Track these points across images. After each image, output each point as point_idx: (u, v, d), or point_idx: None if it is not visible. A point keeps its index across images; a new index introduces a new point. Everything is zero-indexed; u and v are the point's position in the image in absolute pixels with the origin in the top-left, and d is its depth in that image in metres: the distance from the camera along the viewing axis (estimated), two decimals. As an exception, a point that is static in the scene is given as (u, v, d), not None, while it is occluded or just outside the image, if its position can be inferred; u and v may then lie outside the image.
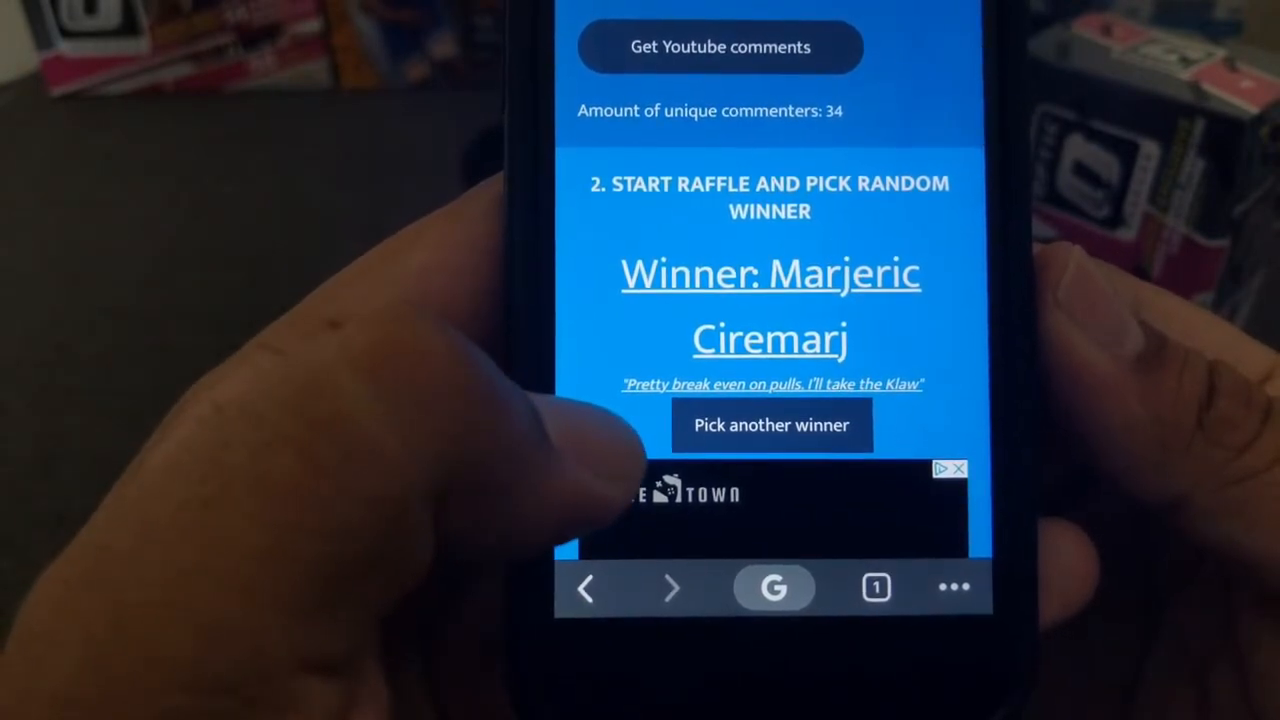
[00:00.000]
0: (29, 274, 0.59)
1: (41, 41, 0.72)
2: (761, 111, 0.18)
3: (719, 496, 0.18)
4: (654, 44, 0.18)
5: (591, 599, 0.18)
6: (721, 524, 0.18)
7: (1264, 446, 0.17)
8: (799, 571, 0.18)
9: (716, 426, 0.18)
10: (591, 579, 0.18)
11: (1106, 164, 0.48)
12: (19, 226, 0.63)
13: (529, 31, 0.18)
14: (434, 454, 0.13)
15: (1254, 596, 0.18)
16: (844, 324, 0.18)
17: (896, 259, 0.18)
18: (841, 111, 0.18)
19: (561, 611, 0.18)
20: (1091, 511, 0.20)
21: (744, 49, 0.18)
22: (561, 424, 0.15)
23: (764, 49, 0.18)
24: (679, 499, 0.18)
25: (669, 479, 0.18)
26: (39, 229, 0.63)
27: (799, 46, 0.18)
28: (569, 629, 0.18)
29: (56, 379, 0.52)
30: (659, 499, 0.18)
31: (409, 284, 0.17)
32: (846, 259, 0.18)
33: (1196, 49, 0.48)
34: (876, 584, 0.18)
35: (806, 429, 0.18)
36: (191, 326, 0.54)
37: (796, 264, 0.18)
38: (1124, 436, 0.17)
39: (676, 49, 0.18)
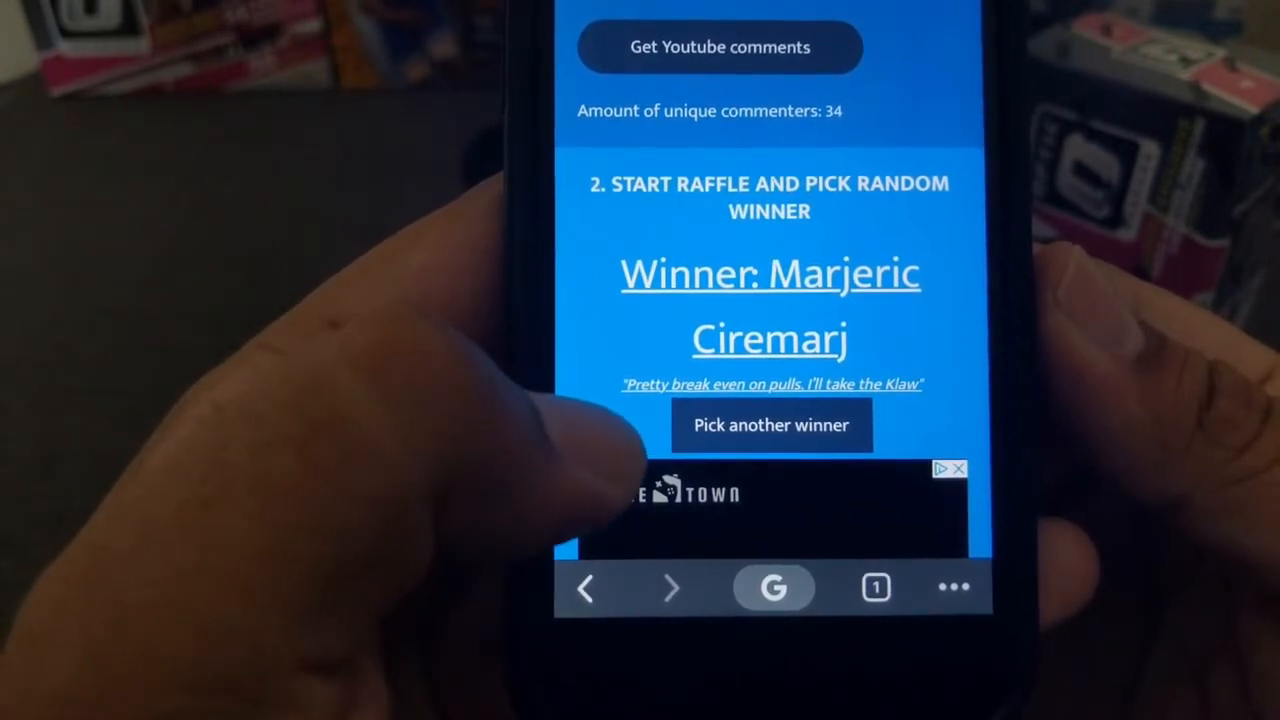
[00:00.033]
0: (29, 274, 0.59)
1: (41, 41, 0.72)
2: (761, 112, 0.18)
3: (719, 496, 0.18)
4: (654, 44, 0.18)
5: (591, 599, 0.18)
6: (721, 524, 0.18)
7: (1264, 446, 0.17)
8: (799, 571, 0.18)
9: (716, 426, 0.18)
10: (591, 579, 0.18)
11: (1106, 164, 0.48)
12: (19, 226, 0.63)
13: (529, 31, 0.18)
14: (434, 454, 0.13)
15: (1254, 596, 0.18)
16: (844, 324, 0.18)
17: (896, 259, 0.18)
18: (841, 111, 0.18)
19: (561, 611, 0.18)
20: (1091, 511, 0.20)
21: (744, 49, 0.18)
22: (562, 423, 0.15)
23: (763, 49, 0.18)
24: (679, 499, 0.18)
25: (669, 479, 0.18)
26: (39, 229, 0.63)
27: (798, 46, 0.18)
28: (569, 629, 0.18)
29: (56, 379, 0.52)
30: (659, 499, 0.18)
31: (409, 284, 0.17)
32: (846, 259, 0.18)
33: (1196, 49, 0.48)
34: (876, 584, 0.18)
35: (806, 429, 0.18)
36: (191, 326, 0.54)
37: (796, 264, 0.18)
38: (1124, 436, 0.17)
39: (676, 49, 0.18)
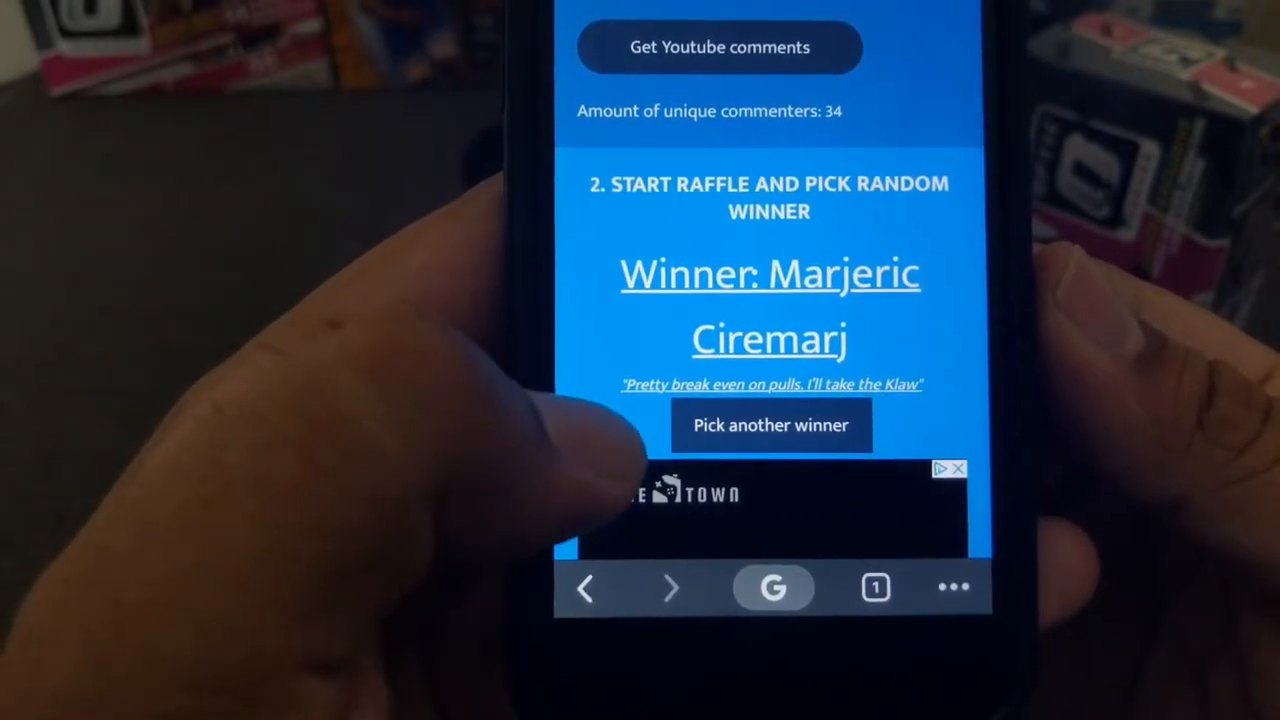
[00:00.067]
0: (29, 274, 0.59)
1: (41, 41, 0.72)
2: (761, 112, 0.18)
3: (718, 496, 0.18)
4: (653, 44, 0.18)
5: (591, 599, 0.18)
6: (721, 524, 0.18)
7: (1264, 446, 0.17)
8: (798, 571, 0.18)
9: (716, 426, 0.18)
10: (591, 579, 0.18)
11: (1106, 164, 0.48)
12: (19, 226, 0.63)
13: (529, 31, 0.18)
14: (434, 454, 0.13)
15: (1254, 596, 0.18)
16: (843, 324, 0.18)
17: (896, 259, 0.18)
18: (841, 112, 0.18)
19: (561, 611, 0.18)
20: (1091, 511, 0.20)
21: (743, 49, 0.18)
22: (562, 422, 0.15)
23: (763, 49, 0.18)
24: (678, 499, 0.18)
25: (668, 479, 0.18)
26: (39, 229, 0.63)
27: (798, 47, 0.18)
28: (569, 629, 0.18)
29: (56, 379, 0.52)
30: (658, 499, 0.18)
31: (409, 284, 0.17)
32: (846, 259, 0.18)
33: (1196, 49, 0.48)
34: (876, 584, 0.18)
35: (806, 429, 0.18)
36: (191, 326, 0.54)
37: (796, 264, 0.18)
38: (1124, 436, 0.17)
39: (676, 49, 0.18)
